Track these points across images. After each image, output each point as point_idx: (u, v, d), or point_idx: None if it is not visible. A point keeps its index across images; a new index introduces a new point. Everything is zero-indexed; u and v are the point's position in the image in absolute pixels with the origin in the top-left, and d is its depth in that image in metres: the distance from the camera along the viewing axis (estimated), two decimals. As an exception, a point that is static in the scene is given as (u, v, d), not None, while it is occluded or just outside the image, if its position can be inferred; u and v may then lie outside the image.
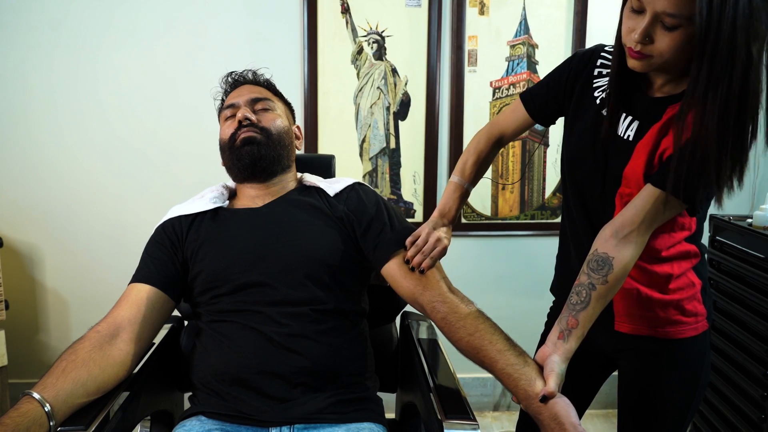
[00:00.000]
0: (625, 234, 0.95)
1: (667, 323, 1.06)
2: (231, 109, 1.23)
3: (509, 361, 0.95)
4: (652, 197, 0.93)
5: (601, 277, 0.95)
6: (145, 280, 1.10)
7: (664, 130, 0.96)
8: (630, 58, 0.91)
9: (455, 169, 1.20)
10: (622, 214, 0.96)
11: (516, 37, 2.09)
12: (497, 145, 1.21)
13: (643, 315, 1.07)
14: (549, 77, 1.14)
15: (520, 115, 1.17)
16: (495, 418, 2.26)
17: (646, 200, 0.94)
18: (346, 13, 2.04)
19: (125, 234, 2.08)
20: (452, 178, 1.20)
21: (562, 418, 0.87)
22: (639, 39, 0.87)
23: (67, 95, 2.01)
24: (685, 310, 1.06)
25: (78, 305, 2.13)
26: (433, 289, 1.07)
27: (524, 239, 2.20)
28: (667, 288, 1.05)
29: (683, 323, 1.06)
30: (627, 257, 0.95)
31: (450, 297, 1.05)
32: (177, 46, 2.02)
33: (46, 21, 1.96)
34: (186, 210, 1.20)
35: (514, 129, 1.19)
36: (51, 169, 2.05)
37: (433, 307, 1.05)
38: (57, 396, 0.88)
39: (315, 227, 1.16)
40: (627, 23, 0.90)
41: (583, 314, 0.95)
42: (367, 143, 2.11)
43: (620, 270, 0.95)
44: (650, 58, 0.89)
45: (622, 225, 0.95)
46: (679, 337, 1.06)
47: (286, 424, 1.03)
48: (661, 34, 0.86)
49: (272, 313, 1.08)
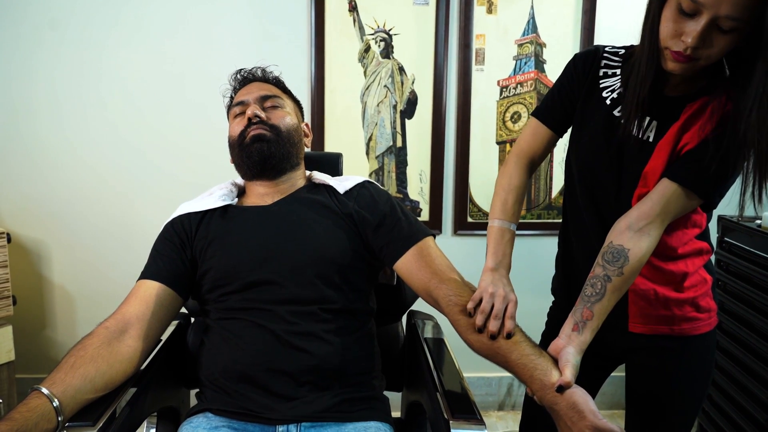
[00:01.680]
0: (640, 227, 0.95)
1: (683, 320, 1.07)
2: (240, 107, 1.23)
3: (524, 351, 0.94)
4: (669, 191, 0.94)
5: (617, 269, 0.95)
6: (153, 277, 1.10)
7: (685, 128, 0.96)
8: (672, 61, 0.89)
9: (493, 212, 1.11)
10: (638, 207, 0.97)
11: (524, 36, 2.08)
12: (530, 172, 1.16)
13: (660, 314, 1.07)
14: (557, 87, 1.12)
15: (542, 135, 1.14)
16: (500, 417, 2.26)
17: (662, 194, 0.95)
18: (354, 11, 2.03)
19: (132, 231, 2.09)
20: (494, 223, 1.10)
21: (581, 405, 0.85)
22: (695, 43, 0.84)
23: (73, 93, 2.02)
24: (700, 306, 1.07)
25: (85, 301, 2.14)
26: (448, 283, 1.06)
27: (530, 239, 2.19)
28: (683, 286, 1.06)
29: (698, 319, 1.07)
30: (643, 249, 0.95)
31: (465, 291, 1.05)
32: (184, 45, 2.02)
33: (49, 19, 1.97)
34: (195, 207, 1.20)
35: (542, 150, 1.15)
36: (58, 166, 2.06)
37: (448, 302, 1.04)
38: (65, 391, 0.89)
39: (324, 225, 1.16)
40: (672, 26, 0.86)
41: (598, 306, 0.95)
42: (374, 141, 2.11)
43: (636, 262, 0.95)
44: (697, 61, 0.87)
45: (638, 217, 0.96)
46: (695, 334, 1.08)
47: (293, 422, 1.03)
48: (717, 37, 0.84)
49: (281, 311, 1.08)
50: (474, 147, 2.12)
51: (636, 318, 1.09)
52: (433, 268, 1.09)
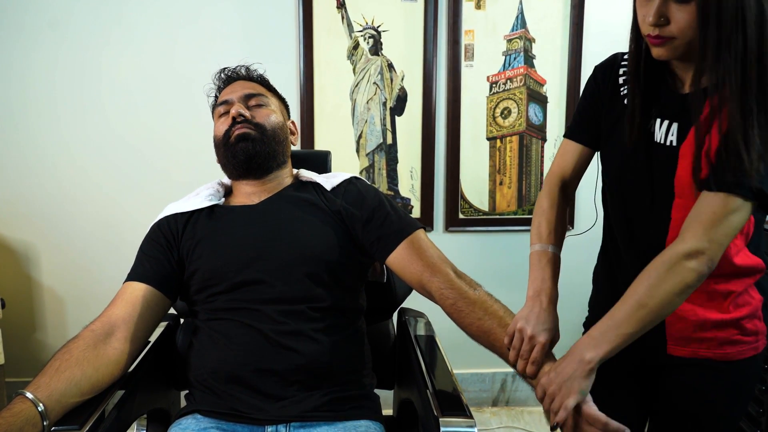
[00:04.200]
0: (695, 260, 0.85)
1: (726, 343, 0.98)
2: (225, 106, 1.22)
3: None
4: (716, 204, 0.84)
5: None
6: (140, 279, 1.10)
7: (705, 126, 0.86)
8: (653, 47, 0.87)
9: (531, 239, 1.07)
10: (691, 230, 0.86)
11: (513, 31, 2.08)
12: (563, 192, 1.10)
13: (701, 337, 0.98)
14: (581, 102, 1.08)
15: (571, 152, 1.08)
16: (494, 413, 2.26)
17: (711, 211, 0.84)
18: (342, 8, 2.02)
19: (122, 232, 2.08)
20: (533, 249, 1.06)
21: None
22: (654, 21, 0.83)
23: (63, 94, 2.00)
24: (746, 329, 0.98)
25: (74, 303, 2.13)
26: (441, 275, 1.07)
27: (522, 234, 2.19)
28: (727, 306, 0.96)
29: (743, 343, 0.98)
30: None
31: (458, 282, 1.06)
32: (170, 43, 2.00)
33: (43, 21, 1.95)
34: (181, 208, 1.19)
35: (572, 167, 1.09)
36: (47, 167, 2.04)
37: (442, 293, 1.05)
38: (50, 395, 0.88)
39: (311, 223, 1.15)
40: (640, 12, 0.87)
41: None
42: (364, 139, 2.10)
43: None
44: (673, 41, 0.85)
45: (690, 250, 0.85)
46: (738, 359, 0.98)
47: (282, 423, 1.03)
48: (676, 9, 0.82)
49: (269, 310, 1.07)
50: (464, 143, 2.12)
51: (675, 340, 1.00)
52: (425, 260, 1.10)
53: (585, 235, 1.43)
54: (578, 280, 1.36)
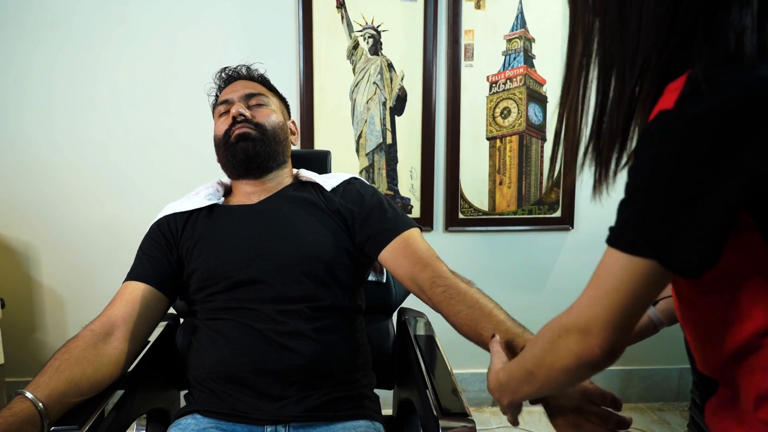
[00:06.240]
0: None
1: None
2: (225, 105, 1.22)
3: (510, 330, 0.92)
4: (607, 263, 0.59)
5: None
6: (139, 278, 1.10)
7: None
8: None
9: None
10: (570, 309, 0.66)
11: (513, 31, 2.08)
12: None
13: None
14: None
15: None
16: (494, 413, 2.26)
17: (602, 274, 0.60)
18: (342, 8, 2.02)
19: (121, 231, 2.07)
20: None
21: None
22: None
23: (63, 94, 2.00)
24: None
25: (74, 303, 2.13)
26: (433, 266, 1.06)
27: (522, 234, 2.19)
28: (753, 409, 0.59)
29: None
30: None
31: (450, 274, 1.05)
32: (170, 42, 2.00)
33: (43, 21, 1.95)
34: (181, 207, 1.19)
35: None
36: (46, 166, 2.04)
37: (433, 282, 1.03)
38: (50, 395, 0.87)
39: (311, 223, 1.15)
40: None
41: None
42: (364, 139, 2.10)
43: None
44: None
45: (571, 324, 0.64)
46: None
47: (282, 423, 1.03)
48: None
49: (268, 310, 1.07)
50: (464, 143, 2.12)
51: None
52: (417, 255, 1.09)
53: (585, 235, 1.43)
54: (578, 280, 1.36)
